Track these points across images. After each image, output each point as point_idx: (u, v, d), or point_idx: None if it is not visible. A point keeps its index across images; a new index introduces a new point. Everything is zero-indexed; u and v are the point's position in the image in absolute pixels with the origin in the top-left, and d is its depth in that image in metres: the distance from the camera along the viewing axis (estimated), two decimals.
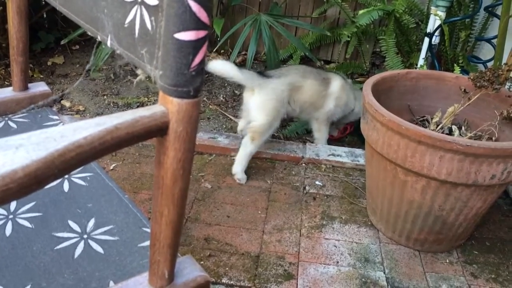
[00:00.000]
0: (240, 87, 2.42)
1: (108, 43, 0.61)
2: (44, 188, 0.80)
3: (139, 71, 0.58)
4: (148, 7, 0.51)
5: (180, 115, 0.49)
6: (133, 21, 0.55)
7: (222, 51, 2.71)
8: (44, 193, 0.79)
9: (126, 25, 0.56)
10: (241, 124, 1.92)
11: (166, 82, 0.48)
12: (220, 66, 1.68)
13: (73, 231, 0.71)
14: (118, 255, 0.67)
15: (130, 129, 0.46)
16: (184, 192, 0.53)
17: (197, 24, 0.45)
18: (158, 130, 0.49)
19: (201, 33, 0.46)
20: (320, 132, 1.96)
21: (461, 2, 2.07)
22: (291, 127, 2.14)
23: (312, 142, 2.01)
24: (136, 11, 0.54)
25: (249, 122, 1.78)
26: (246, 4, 2.61)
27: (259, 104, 1.74)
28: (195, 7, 0.45)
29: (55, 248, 0.68)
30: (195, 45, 0.46)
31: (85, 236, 0.70)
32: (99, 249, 0.68)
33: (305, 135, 2.13)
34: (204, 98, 2.36)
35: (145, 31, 0.52)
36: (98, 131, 0.44)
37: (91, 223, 0.73)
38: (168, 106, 0.49)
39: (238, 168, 1.75)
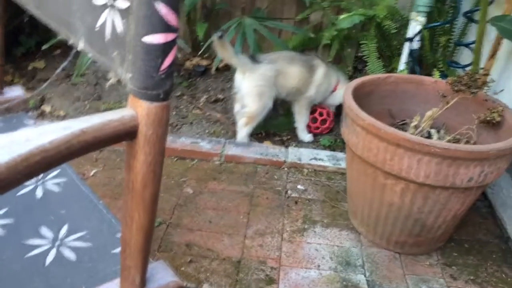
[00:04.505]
0: (223, 91, 2.43)
1: (81, 47, 0.61)
2: (17, 195, 0.79)
3: (110, 74, 0.57)
4: (119, 10, 0.51)
5: (150, 118, 0.48)
6: (104, 24, 0.54)
7: (205, 55, 2.70)
8: (16, 199, 0.77)
9: (97, 29, 0.56)
10: (236, 106, 2.05)
11: (135, 85, 0.48)
12: (223, 50, 1.89)
13: (45, 238, 0.70)
14: (90, 261, 0.66)
15: (98, 133, 0.46)
16: (155, 196, 0.52)
17: (166, 27, 0.45)
18: (127, 133, 0.48)
19: (170, 36, 0.46)
20: (300, 114, 2.10)
21: (440, 8, 2.10)
22: (273, 122, 2.20)
23: (293, 144, 2.04)
24: (108, 14, 0.53)
25: (243, 106, 1.96)
26: (229, 9, 2.61)
27: (250, 90, 1.93)
28: (163, 10, 0.44)
29: (25, 256, 0.67)
30: (164, 48, 0.46)
31: (58, 243, 0.69)
32: (71, 256, 0.67)
33: (284, 133, 2.18)
34: (188, 103, 2.35)
35: (116, 34, 0.52)
36: (64, 135, 0.44)
37: (64, 229, 0.72)
38: (137, 110, 0.48)
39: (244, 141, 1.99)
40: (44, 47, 2.28)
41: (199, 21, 2.54)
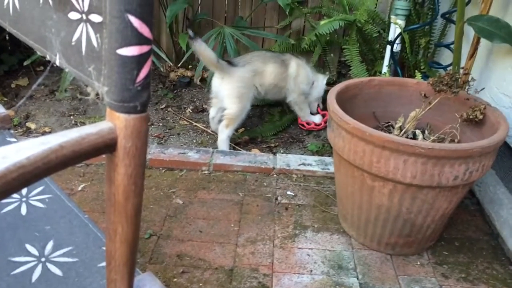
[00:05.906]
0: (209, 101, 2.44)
1: (57, 62, 0.61)
2: (0, 212, 0.78)
3: (89, 89, 0.57)
4: (93, 24, 0.51)
5: (128, 131, 0.48)
6: (79, 38, 0.54)
7: (190, 66, 2.71)
8: (0, 217, 0.76)
9: (73, 43, 0.56)
10: (212, 111, 2.13)
11: (112, 98, 0.48)
12: (204, 51, 1.92)
13: (30, 255, 0.69)
14: (77, 276, 0.66)
15: (76, 147, 0.46)
16: (138, 208, 0.52)
17: (140, 39, 0.46)
18: (106, 147, 0.48)
19: (145, 48, 0.46)
20: (302, 110, 2.22)
21: (419, 10, 2.13)
22: (259, 129, 2.24)
23: (281, 150, 2.04)
24: (82, 28, 0.53)
25: (222, 109, 2.02)
26: (211, 19, 2.62)
27: (230, 92, 1.99)
28: (136, 22, 0.45)
29: (11, 273, 0.66)
30: (139, 60, 0.46)
31: (43, 259, 0.69)
32: (57, 271, 0.67)
33: (272, 140, 2.19)
34: (174, 114, 2.35)
35: (91, 48, 0.52)
36: (41, 150, 0.43)
37: (50, 245, 0.71)
38: (115, 122, 0.48)
39: (223, 149, 2.01)
40: (25, 63, 2.27)
41: (182, 33, 2.55)
